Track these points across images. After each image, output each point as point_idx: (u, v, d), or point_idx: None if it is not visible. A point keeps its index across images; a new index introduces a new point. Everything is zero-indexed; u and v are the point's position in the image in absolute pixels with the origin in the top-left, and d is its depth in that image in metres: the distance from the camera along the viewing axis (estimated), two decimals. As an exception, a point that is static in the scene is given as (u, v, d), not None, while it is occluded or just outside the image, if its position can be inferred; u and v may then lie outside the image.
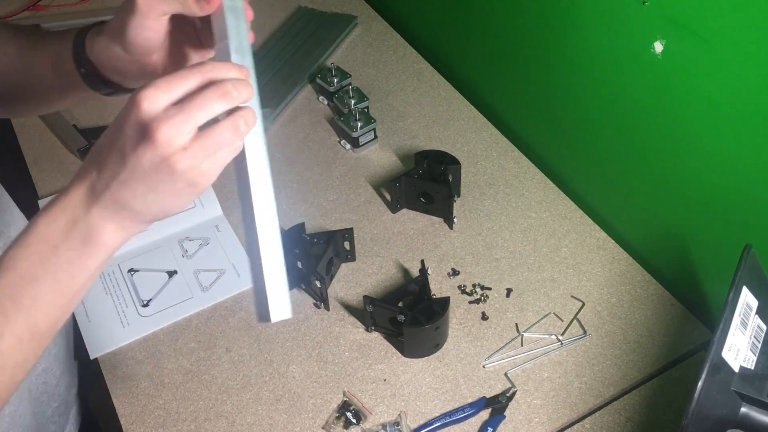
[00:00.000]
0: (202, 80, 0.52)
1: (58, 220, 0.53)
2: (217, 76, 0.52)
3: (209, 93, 0.51)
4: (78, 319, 0.98)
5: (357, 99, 1.21)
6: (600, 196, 1.10)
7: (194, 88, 0.51)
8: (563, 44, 1.03)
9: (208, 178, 0.53)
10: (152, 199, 0.53)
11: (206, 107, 0.50)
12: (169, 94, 0.50)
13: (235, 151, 0.54)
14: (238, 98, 0.52)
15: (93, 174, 0.53)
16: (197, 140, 0.51)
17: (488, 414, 0.88)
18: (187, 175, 0.51)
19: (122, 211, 0.53)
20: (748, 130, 0.81)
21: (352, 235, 1.00)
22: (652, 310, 0.97)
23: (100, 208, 0.53)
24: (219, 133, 0.52)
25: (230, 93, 0.52)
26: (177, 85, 0.51)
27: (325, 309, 0.98)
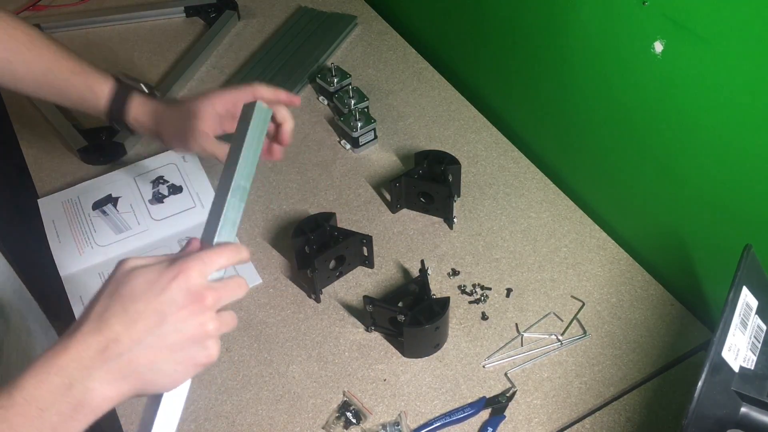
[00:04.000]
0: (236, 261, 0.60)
1: (51, 381, 0.49)
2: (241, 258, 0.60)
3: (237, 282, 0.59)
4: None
5: (357, 99, 1.21)
6: (600, 196, 1.10)
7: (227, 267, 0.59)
8: (563, 44, 1.03)
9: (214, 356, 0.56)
10: (166, 369, 0.53)
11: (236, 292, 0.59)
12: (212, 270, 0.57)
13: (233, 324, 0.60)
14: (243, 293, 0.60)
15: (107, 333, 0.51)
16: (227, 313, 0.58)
17: (488, 414, 0.88)
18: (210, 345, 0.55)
19: (128, 377, 0.52)
20: (748, 130, 0.81)
21: (371, 242, 1.00)
22: (652, 310, 0.97)
23: (105, 372, 0.50)
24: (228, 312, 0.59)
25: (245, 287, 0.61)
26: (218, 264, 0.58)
27: (316, 301, 0.99)
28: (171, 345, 0.53)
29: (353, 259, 1.02)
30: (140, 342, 0.51)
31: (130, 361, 0.51)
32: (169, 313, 0.52)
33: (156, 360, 0.52)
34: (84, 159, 1.19)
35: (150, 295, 0.52)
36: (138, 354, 0.51)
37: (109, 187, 1.13)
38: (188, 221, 1.09)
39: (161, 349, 0.52)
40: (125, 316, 0.51)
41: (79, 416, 0.50)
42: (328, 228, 1.00)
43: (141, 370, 0.52)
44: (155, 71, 1.35)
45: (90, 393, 0.50)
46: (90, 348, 0.50)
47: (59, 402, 0.49)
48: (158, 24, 1.46)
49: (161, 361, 0.53)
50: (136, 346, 0.51)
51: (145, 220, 1.08)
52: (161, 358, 0.53)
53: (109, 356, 0.50)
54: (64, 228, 1.07)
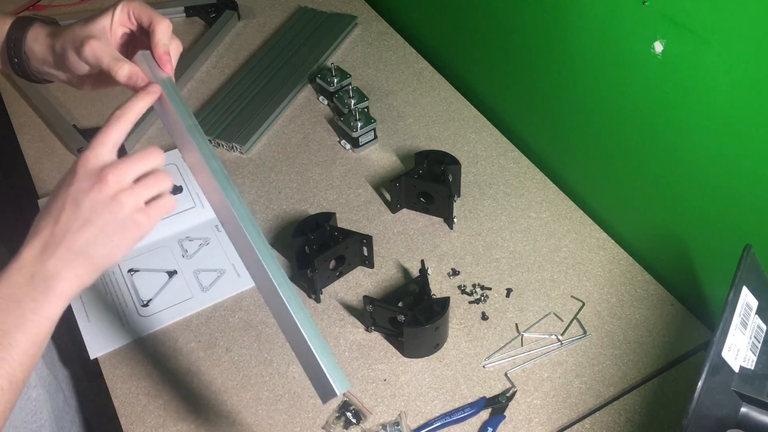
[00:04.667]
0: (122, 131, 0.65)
1: (17, 278, 0.60)
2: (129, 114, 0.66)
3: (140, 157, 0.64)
4: (78, 319, 0.98)
5: (357, 99, 1.21)
6: (600, 196, 1.10)
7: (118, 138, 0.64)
8: (563, 44, 1.03)
9: (151, 219, 0.64)
10: (102, 242, 0.62)
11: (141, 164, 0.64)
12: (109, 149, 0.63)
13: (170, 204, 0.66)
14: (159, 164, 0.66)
15: (45, 231, 0.61)
16: (139, 181, 0.63)
17: (488, 414, 0.88)
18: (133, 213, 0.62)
19: (76, 258, 0.61)
20: (748, 130, 0.81)
21: (371, 242, 1.00)
22: (652, 310, 0.97)
23: (55, 260, 0.60)
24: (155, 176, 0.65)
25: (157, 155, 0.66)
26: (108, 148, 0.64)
27: (316, 301, 0.99)
28: (95, 224, 0.61)
29: (353, 259, 1.02)
30: (69, 228, 0.61)
31: (69, 246, 0.61)
32: (80, 199, 0.61)
33: (89, 239, 0.61)
34: (84, 159, 1.19)
35: (62, 191, 0.62)
36: (72, 238, 0.61)
37: (109, 187, 1.13)
38: (188, 221, 1.09)
39: (88, 229, 0.61)
40: (50, 215, 0.62)
41: (51, 298, 0.60)
42: (328, 228, 1.00)
43: (83, 249, 0.61)
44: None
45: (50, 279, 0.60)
46: (35, 248, 0.61)
47: (30, 292, 0.60)
48: (158, 24, 1.46)
49: (94, 238, 0.61)
50: (67, 232, 0.61)
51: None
52: (92, 236, 0.61)
53: (50, 248, 0.61)
54: (64, 228, 1.07)
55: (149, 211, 0.64)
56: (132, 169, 0.63)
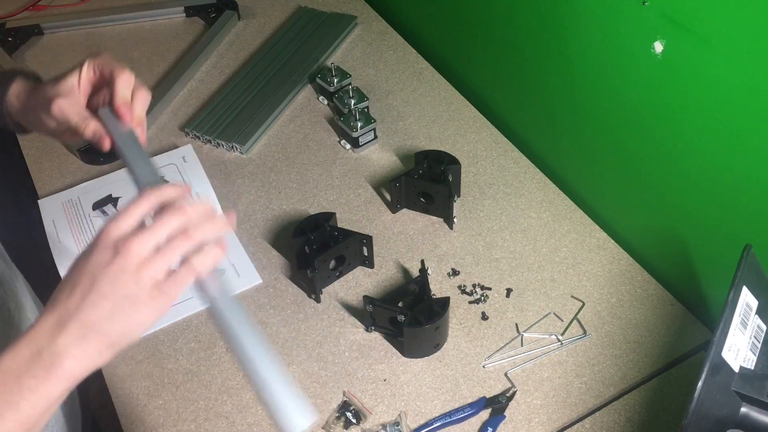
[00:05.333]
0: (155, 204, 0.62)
1: (23, 352, 0.56)
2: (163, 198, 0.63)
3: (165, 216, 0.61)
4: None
5: (357, 99, 1.21)
6: (600, 196, 1.10)
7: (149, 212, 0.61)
8: (563, 44, 1.03)
9: (169, 295, 0.60)
10: (118, 318, 0.58)
11: (162, 229, 0.60)
12: (130, 221, 0.60)
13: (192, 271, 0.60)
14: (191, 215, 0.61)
15: (59, 305, 0.58)
16: (158, 252, 0.59)
17: (488, 414, 0.88)
18: (151, 288, 0.59)
19: (88, 335, 0.57)
20: (748, 130, 0.81)
21: (370, 242, 1.00)
22: (652, 310, 0.97)
23: (66, 336, 0.56)
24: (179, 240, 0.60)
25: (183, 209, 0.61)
26: (135, 214, 0.60)
27: (316, 301, 0.99)
28: (111, 299, 0.57)
29: (353, 259, 1.02)
30: (83, 303, 0.57)
31: (83, 322, 0.57)
32: (97, 273, 0.58)
33: (103, 314, 0.57)
34: (84, 159, 1.19)
35: (80, 264, 0.59)
36: (87, 313, 0.57)
37: (109, 188, 1.13)
38: (188, 221, 1.09)
39: (104, 304, 0.57)
40: (66, 288, 0.59)
41: (53, 378, 0.56)
42: (328, 228, 1.01)
43: (97, 325, 0.57)
44: (155, 71, 1.35)
45: (58, 357, 0.56)
46: (48, 322, 0.57)
47: (32, 368, 0.56)
48: (158, 24, 1.46)
49: (109, 314, 0.58)
50: (82, 307, 0.57)
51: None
52: (107, 311, 0.57)
53: (64, 323, 0.57)
54: (64, 228, 1.07)
55: (167, 286, 0.60)
56: (154, 237, 0.60)
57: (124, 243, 0.58)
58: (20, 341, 0.57)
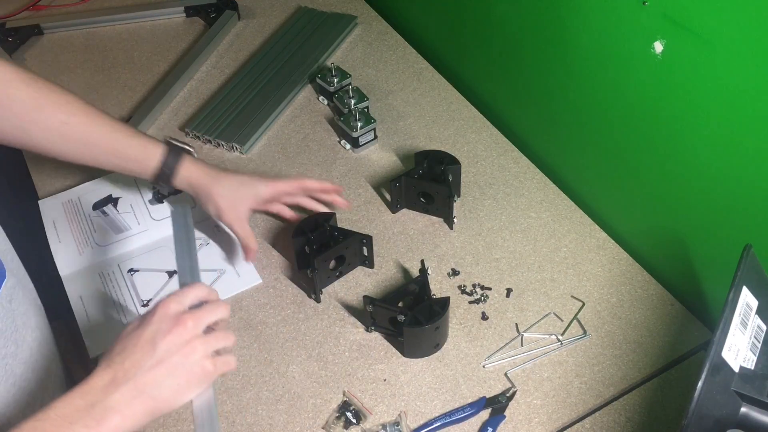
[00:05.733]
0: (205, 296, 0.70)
1: (77, 402, 0.61)
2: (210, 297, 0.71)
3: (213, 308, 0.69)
4: (78, 319, 0.98)
5: (357, 99, 1.21)
6: (600, 196, 1.10)
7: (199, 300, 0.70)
8: (563, 44, 1.03)
9: (216, 369, 0.67)
10: (168, 384, 0.64)
11: (214, 315, 0.69)
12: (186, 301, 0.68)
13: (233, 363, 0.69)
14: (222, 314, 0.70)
15: (116, 365, 0.63)
16: (211, 332, 0.68)
17: (488, 414, 0.88)
18: (202, 359, 0.66)
19: (139, 397, 0.63)
20: (748, 130, 0.81)
21: (371, 242, 1.00)
22: (652, 310, 0.97)
23: (119, 394, 0.62)
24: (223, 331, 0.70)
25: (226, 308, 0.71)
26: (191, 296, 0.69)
27: (316, 301, 0.99)
28: (166, 365, 0.64)
29: (353, 259, 1.02)
30: (140, 367, 0.63)
31: (136, 384, 0.63)
32: (158, 340, 0.64)
33: (156, 379, 0.64)
34: (84, 159, 1.19)
35: (141, 330, 0.65)
36: (141, 377, 0.63)
37: (109, 188, 1.13)
38: (188, 221, 1.09)
39: (159, 370, 0.64)
40: (125, 351, 0.64)
41: (102, 430, 0.61)
42: (328, 228, 1.00)
43: (147, 389, 0.63)
44: (155, 71, 1.35)
45: (108, 412, 0.62)
46: (102, 378, 0.63)
47: (84, 418, 0.61)
48: (158, 24, 1.46)
49: (161, 380, 0.64)
50: (137, 371, 0.63)
51: (145, 220, 1.08)
52: (160, 376, 0.64)
53: (119, 383, 0.63)
54: (64, 228, 1.07)
55: (216, 362, 0.67)
56: (208, 317, 0.68)
57: (183, 316, 0.66)
58: (74, 392, 0.62)
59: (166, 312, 0.66)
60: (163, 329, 0.65)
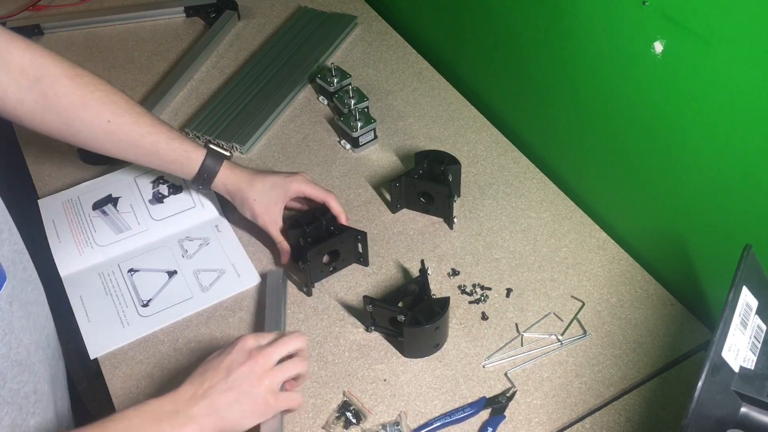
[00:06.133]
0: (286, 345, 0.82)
1: (166, 406, 0.74)
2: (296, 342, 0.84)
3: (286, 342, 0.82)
4: (78, 319, 0.98)
5: (357, 99, 1.21)
6: (600, 196, 1.10)
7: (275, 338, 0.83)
8: (563, 44, 1.03)
9: (278, 404, 0.80)
10: (236, 409, 0.76)
11: (285, 349, 0.82)
12: (263, 340, 0.81)
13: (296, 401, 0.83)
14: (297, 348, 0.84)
15: (198, 384, 0.76)
16: (278, 367, 0.80)
17: (488, 414, 0.88)
18: (267, 393, 0.78)
19: (212, 414, 0.75)
20: (748, 130, 0.81)
21: (365, 238, 1.00)
22: (652, 310, 0.97)
23: (198, 408, 0.75)
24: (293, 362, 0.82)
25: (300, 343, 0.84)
26: (267, 337, 0.82)
27: (307, 294, 1.00)
28: (236, 392, 0.76)
29: (347, 255, 1.02)
30: (216, 390, 0.76)
31: (212, 402, 0.75)
32: (233, 368, 0.77)
33: (227, 402, 0.76)
34: (84, 159, 1.19)
35: (222, 357, 0.79)
36: (215, 398, 0.76)
37: (109, 187, 1.13)
38: (188, 221, 1.09)
39: (229, 395, 0.76)
40: (206, 373, 0.78)
41: None
42: (324, 222, 1.01)
43: (220, 410, 0.75)
44: (155, 71, 1.35)
45: (188, 421, 0.74)
46: (188, 392, 0.76)
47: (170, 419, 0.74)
48: (158, 24, 1.46)
49: (231, 404, 0.76)
50: (213, 392, 0.76)
51: (145, 220, 1.08)
52: (231, 401, 0.76)
53: (198, 398, 0.75)
54: (64, 228, 1.07)
55: (279, 397, 0.80)
56: (278, 353, 0.80)
57: (257, 351, 0.79)
58: (166, 397, 0.75)
59: (244, 346, 0.79)
60: (238, 360, 0.78)
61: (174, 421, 0.73)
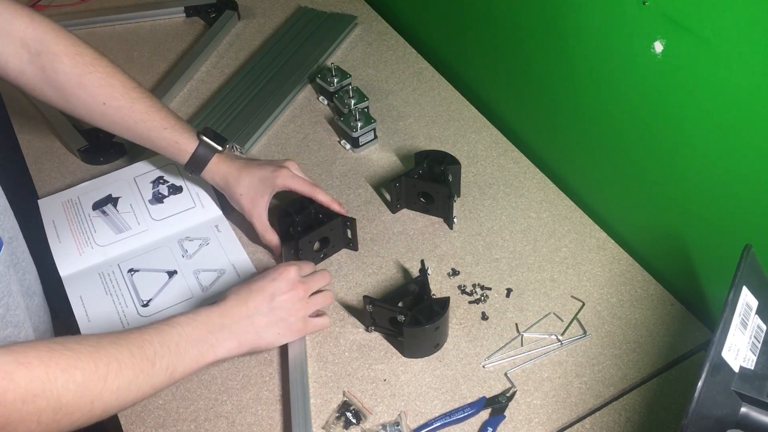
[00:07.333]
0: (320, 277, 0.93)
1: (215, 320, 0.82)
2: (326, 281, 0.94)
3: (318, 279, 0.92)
4: (78, 319, 0.98)
5: (357, 99, 1.21)
6: (600, 196, 1.10)
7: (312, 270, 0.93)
8: (563, 44, 1.03)
9: (308, 329, 0.90)
10: (272, 331, 0.85)
11: (319, 284, 0.92)
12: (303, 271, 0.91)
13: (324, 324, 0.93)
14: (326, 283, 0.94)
15: (242, 303, 0.84)
16: (312, 299, 0.90)
17: (488, 414, 0.88)
18: (298, 320, 0.88)
19: (251, 333, 0.83)
20: (748, 130, 0.81)
21: (354, 224, 1.02)
22: (652, 310, 0.97)
23: (241, 326, 0.83)
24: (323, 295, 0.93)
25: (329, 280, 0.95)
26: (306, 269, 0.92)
27: None
28: (275, 316, 0.85)
29: (337, 241, 1.04)
30: (258, 311, 0.84)
31: (253, 323, 0.84)
32: (276, 294, 0.86)
33: (267, 324, 0.85)
34: (84, 159, 1.19)
35: (266, 282, 0.86)
36: (257, 319, 0.84)
37: (109, 187, 1.13)
38: (188, 221, 1.09)
39: (269, 317, 0.85)
40: (252, 293, 0.85)
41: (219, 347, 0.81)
42: (313, 210, 1.01)
43: (259, 330, 0.84)
44: (155, 71, 1.35)
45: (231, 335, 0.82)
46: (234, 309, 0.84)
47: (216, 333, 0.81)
48: (158, 24, 1.46)
49: (269, 326, 0.85)
50: (255, 313, 0.84)
51: (145, 220, 1.08)
52: (270, 323, 0.85)
53: (243, 317, 0.83)
54: (64, 228, 1.07)
55: (309, 323, 0.90)
56: (314, 287, 0.90)
57: (298, 283, 0.88)
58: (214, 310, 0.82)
59: (288, 276, 0.87)
60: (282, 288, 0.86)
61: (220, 335, 0.80)
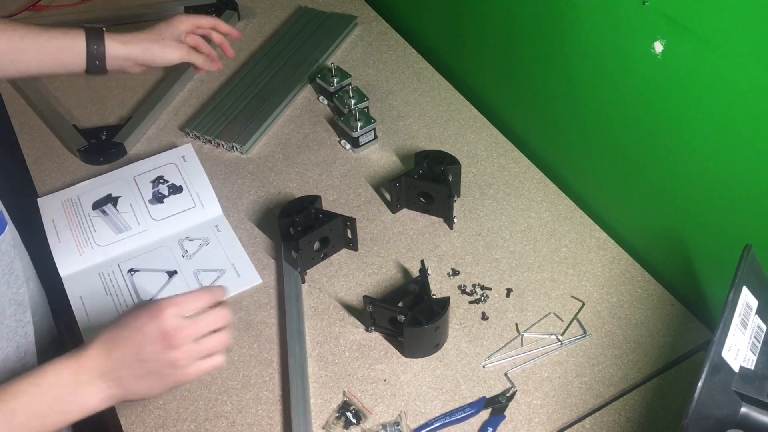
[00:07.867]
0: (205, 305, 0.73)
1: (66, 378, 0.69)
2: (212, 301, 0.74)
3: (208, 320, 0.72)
4: (78, 319, 0.98)
5: (357, 99, 1.21)
6: (600, 196, 1.10)
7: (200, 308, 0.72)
8: (563, 44, 1.03)
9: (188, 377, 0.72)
10: (143, 383, 0.71)
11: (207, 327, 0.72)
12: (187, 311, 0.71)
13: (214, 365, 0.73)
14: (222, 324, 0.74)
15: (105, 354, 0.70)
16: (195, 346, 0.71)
17: (488, 414, 0.88)
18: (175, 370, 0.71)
19: (116, 388, 0.70)
20: (748, 130, 0.81)
21: (354, 224, 1.02)
22: (652, 310, 0.97)
23: (102, 381, 0.69)
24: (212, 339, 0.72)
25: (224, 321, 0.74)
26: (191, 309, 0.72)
27: (301, 281, 1.01)
28: (146, 369, 0.70)
29: (337, 241, 1.04)
30: (123, 363, 0.69)
31: (119, 376, 0.70)
32: (144, 345, 0.69)
33: (136, 377, 0.70)
34: (84, 159, 1.19)
35: (136, 328, 0.70)
36: (123, 372, 0.70)
37: (109, 187, 1.13)
38: (188, 221, 1.09)
39: (140, 369, 0.70)
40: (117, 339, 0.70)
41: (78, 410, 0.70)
42: (313, 211, 1.02)
43: (126, 382, 0.70)
44: (155, 71, 1.35)
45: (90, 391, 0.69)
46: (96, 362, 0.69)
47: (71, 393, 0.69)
48: (158, 24, 1.46)
49: (141, 378, 0.70)
50: (121, 365, 0.69)
51: (145, 220, 1.08)
52: (140, 375, 0.70)
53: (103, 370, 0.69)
54: (64, 228, 1.07)
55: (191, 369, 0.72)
56: (196, 332, 0.71)
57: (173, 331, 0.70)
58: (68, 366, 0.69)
59: (159, 324, 0.70)
60: (150, 337, 0.70)
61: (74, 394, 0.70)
